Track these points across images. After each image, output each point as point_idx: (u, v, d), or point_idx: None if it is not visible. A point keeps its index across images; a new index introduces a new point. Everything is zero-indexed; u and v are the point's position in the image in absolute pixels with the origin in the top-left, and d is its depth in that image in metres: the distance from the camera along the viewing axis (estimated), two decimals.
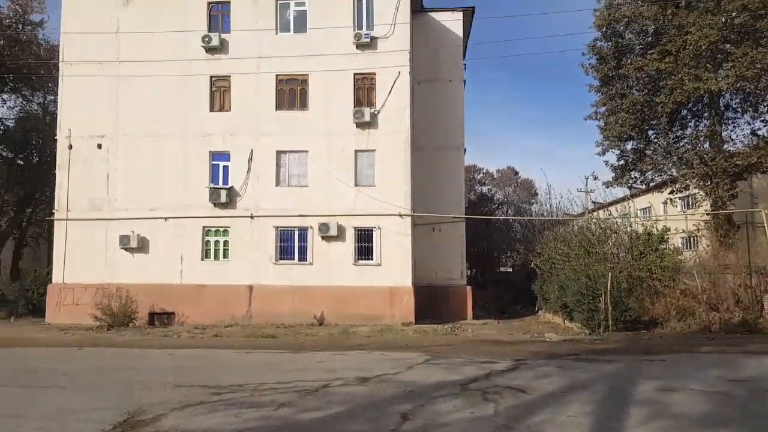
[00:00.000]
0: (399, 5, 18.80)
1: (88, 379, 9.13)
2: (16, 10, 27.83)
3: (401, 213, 18.39)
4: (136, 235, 19.09)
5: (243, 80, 19.27)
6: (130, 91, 19.66)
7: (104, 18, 19.85)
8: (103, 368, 10.39)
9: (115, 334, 16.26)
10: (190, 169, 19.29)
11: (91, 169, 19.70)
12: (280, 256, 18.95)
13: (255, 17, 19.32)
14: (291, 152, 19.24)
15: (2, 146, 29.45)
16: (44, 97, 29.81)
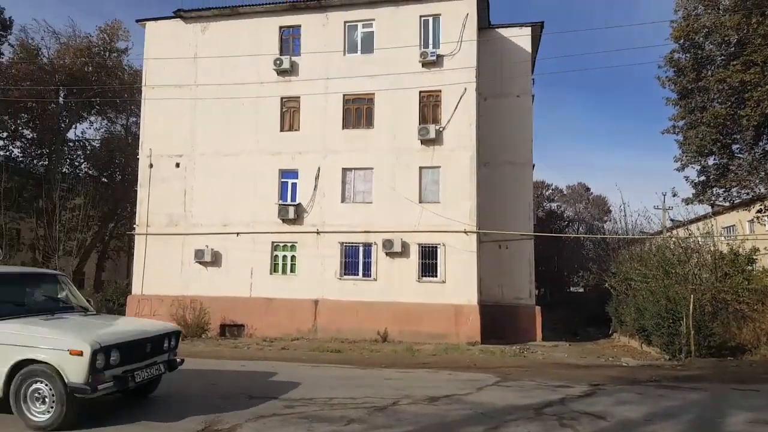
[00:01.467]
0: (465, 23, 18.81)
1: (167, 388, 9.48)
2: (104, 38, 30.12)
3: (466, 230, 18.17)
4: (210, 250, 19.88)
5: (312, 100, 19.83)
6: (206, 112, 20.67)
7: (183, 44, 21.06)
8: (180, 378, 10.76)
9: (189, 344, 16.87)
10: (261, 186, 19.95)
11: (170, 187, 20.76)
12: (345, 271, 19.15)
13: (324, 40, 19.90)
14: (356, 169, 19.52)
15: (89, 165, 31.76)
16: (127, 119, 31.96)
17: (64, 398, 6.26)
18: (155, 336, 7.52)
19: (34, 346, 6.39)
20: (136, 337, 7.14)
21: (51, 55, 28.83)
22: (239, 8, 20.52)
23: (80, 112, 30.09)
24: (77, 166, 31.50)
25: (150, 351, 7.34)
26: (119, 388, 6.71)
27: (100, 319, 8.11)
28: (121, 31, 30.27)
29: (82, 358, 6.19)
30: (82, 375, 6.21)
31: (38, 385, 6.39)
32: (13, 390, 6.43)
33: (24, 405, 6.44)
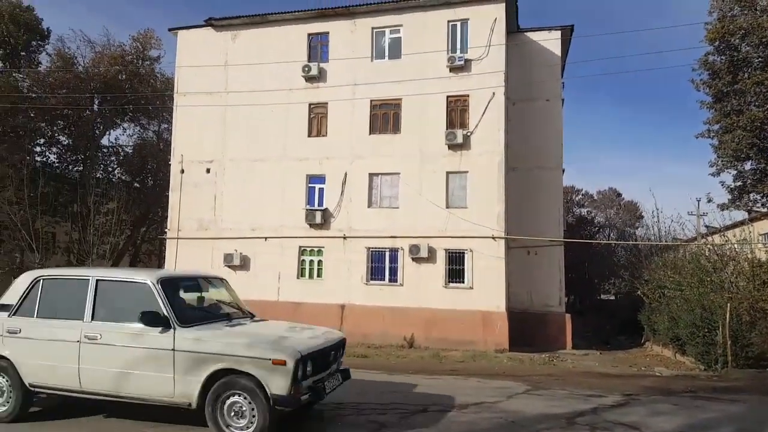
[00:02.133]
0: (494, 27, 18.72)
1: None
2: (137, 47, 30.87)
3: (494, 235, 18.02)
4: (239, 254, 20.14)
5: (339, 106, 19.96)
6: (236, 119, 20.99)
7: (214, 52, 21.45)
8: None
9: None
10: (289, 191, 20.14)
11: (200, 192, 21.12)
12: (371, 276, 19.17)
13: (352, 46, 20.03)
14: (383, 174, 19.56)
15: (122, 170, 32.53)
16: (159, 125, 32.62)
17: (267, 411, 5.85)
18: (336, 343, 7.14)
19: (233, 355, 5.97)
20: (324, 346, 6.71)
21: (86, 64, 29.67)
22: (268, 16, 20.82)
23: (114, 119, 30.86)
24: (111, 171, 32.27)
25: (332, 359, 6.97)
26: (315, 400, 6.34)
27: (280, 326, 7.62)
28: (154, 39, 31.01)
29: (285, 369, 5.79)
30: (285, 386, 5.80)
31: (236, 398, 5.98)
32: (210, 402, 6.02)
33: (222, 419, 6.02)
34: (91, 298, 6.66)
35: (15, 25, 28.22)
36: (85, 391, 6.49)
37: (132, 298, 6.60)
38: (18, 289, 7.10)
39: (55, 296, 6.94)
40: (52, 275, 7.19)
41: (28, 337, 6.71)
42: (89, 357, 6.38)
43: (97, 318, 6.58)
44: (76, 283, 6.87)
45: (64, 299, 6.86)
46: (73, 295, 6.78)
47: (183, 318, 6.38)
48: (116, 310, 6.62)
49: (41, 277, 7.06)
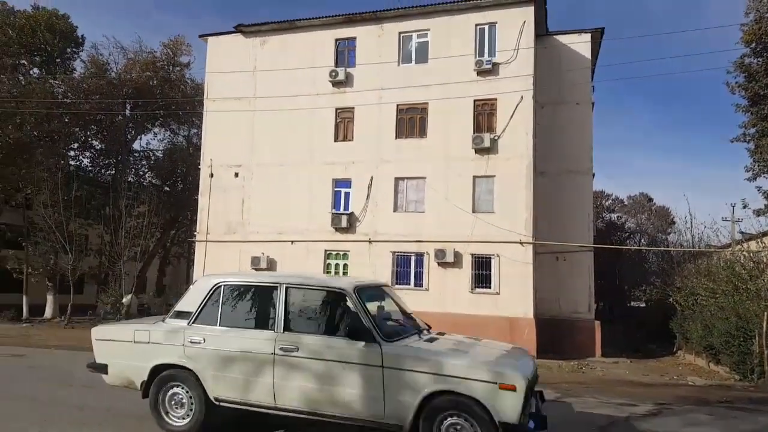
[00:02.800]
0: (522, 30, 18.58)
1: None
2: (168, 53, 31.50)
3: (522, 240, 17.82)
4: (266, 257, 20.34)
5: (365, 111, 20.04)
6: (264, 124, 21.24)
7: (243, 58, 21.77)
8: None
9: None
10: (315, 195, 20.28)
11: (228, 196, 21.41)
12: (396, 280, 19.12)
13: (378, 51, 20.11)
14: (409, 179, 19.54)
15: (152, 174, 33.19)
16: (189, 130, 33.18)
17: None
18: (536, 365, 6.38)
19: (453, 376, 5.33)
20: (535, 367, 6.10)
21: (119, 70, 30.37)
22: (296, 22, 21.05)
23: (145, 124, 31.53)
24: (142, 175, 32.94)
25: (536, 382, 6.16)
26: (539, 429, 5.49)
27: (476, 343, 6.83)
28: (184, 46, 31.59)
29: (515, 394, 5.16)
30: (514, 413, 5.14)
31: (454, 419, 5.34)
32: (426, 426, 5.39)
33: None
34: (282, 306, 6.10)
35: (51, 33, 29.11)
36: (279, 408, 5.93)
37: (326, 307, 6.19)
38: (196, 295, 6.58)
39: (238, 304, 6.50)
40: (234, 281, 6.63)
41: (212, 347, 6.18)
42: (285, 371, 5.85)
43: (291, 329, 6.01)
44: (263, 290, 6.41)
45: (250, 307, 6.47)
46: (260, 303, 6.40)
47: (384, 331, 5.82)
48: (310, 320, 6.19)
49: (222, 283, 6.50)
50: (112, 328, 7.16)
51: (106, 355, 6.89)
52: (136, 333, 6.65)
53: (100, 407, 7.87)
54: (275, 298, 6.20)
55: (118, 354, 6.77)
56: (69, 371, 11.74)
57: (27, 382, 10.18)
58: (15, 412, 7.47)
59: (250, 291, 6.55)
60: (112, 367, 6.80)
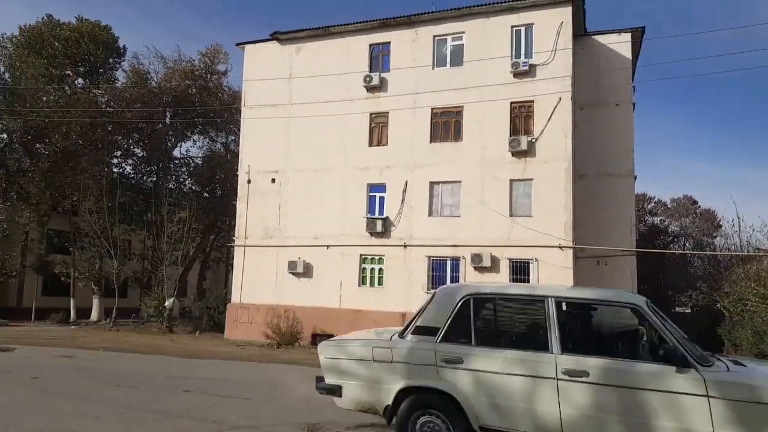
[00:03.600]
0: (560, 31, 18.31)
1: (269, 393, 9.85)
2: (206, 62, 32.23)
3: (561, 245, 17.50)
4: (302, 261, 20.54)
5: (400, 115, 20.06)
6: (300, 129, 21.49)
7: (279, 65, 22.10)
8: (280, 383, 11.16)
9: (284, 351, 17.45)
10: (350, 200, 20.39)
11: (265, 201, 21.72)
12: (432, 285, 19.02)
13: (413, 55, 20.12)
14: (444, 183, 19.46)
15: (192, 180, 33.97)
16: (226, 137, 33.88)
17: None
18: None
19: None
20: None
21: (159, 79, 31.26)
22: (331, 28, 21.26)
23: (185, 132, 32.31)
24: (182, 182, 33.78)
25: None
26: None
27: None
28: (221, 54, 32.22)
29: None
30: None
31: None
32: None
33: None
34: (554, 323, 5.31)
35: (94, 44, 30.18)
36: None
37: (614, 324, 5.55)
38: (440, 309, 5.81)
39: (495, 319, 5.89)
40: (488, 293, 5.91)
41: (474, 369, 5.41)
42: (573, 399, 5.04)
43: (571, 349, 5.20)
44: (525, 304, 5.73)
45: (510, 323, 5.88)
46: (523, 319, 5.79)
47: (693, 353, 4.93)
48: (597, 339, 5.54)
49: (472, 296, 5.72)
50: (344, 345, 6.27)
51: (339, 376, 6.09)
52: (376, 351, 5.89)
53: (147, 408, 8.07)
54: (543, 313, 5.39)
55: (354, 374, 5.99)
56: (115, 372, 12.11)
57: (77, 382, 10.53)
58: (69, 410, 7.72)
59: (508, 305, 5.85)
60: (347, 389, 6.02)
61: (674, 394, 4.72)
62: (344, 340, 6.49)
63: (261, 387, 10.47)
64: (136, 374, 11.89)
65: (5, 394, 8.81)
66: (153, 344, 18.74)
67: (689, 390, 4.69)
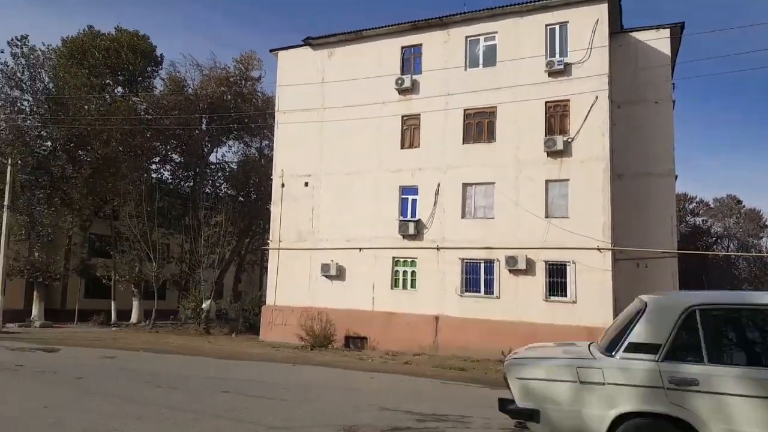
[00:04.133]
0: (596, 29, 17.92)
1: (305, 394, 9.88)
2: (240, 68, 32.77)
3: (599, 246, 17.08)
4: (335, 264, 20.62)
5: (432, 117, 19.97)
6: (332, 133, 21.61)
7: (312, 70, 22.28)
8: (315, 385, 11.20)
9: (317, 353, 17.54)
10: (382, 203, 20.38)
11: (299, 205, 21.91)
12: (466, 288, 18.86)
13: (445, 56, 20.01)
14: (477, 184, 19.26)
15: (227, 185, 34.60)
16: (260, 141, 34.39)
17: None
18: None
19: None
20: None
21: (195, 86, 31.97)
22: (363, 32, 21.33)
23: (220, 137, 32.96)
24: (218, 186, 34.44)
25: None
26: None
27: None
28: (255, 60, 32.74)
29: None
30: None
31: None
32: None
33: None
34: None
35: (133, 53, 31.08)
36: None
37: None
38: (659, 322, 5.10)
39: (730, 333, 5.19)
40: (716, 303, 5.17)
41: (712, 391, 4.65)
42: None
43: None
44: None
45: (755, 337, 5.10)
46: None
47: None
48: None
49: (697, 307, 4.99)
50: (540, 364, 5.52)
51: (537, 399, 5.32)
52: (582, 371, 5.16)
53: (186, 408, 8.18)
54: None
55: (555, 398, 5.24)
56: (155, 372, 12.37)
57: (119, 382, 10.79)
58: (111, 410, 7.90)
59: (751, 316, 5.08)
60: (547, 415, 5.25)
61: None
62: (537, 358, 5.75)
63: (296, 389, 10.51)
64: (175, 375, 12.12)
65: (52, 393, 9.08)
66: (191, 345, 19.10)
67: None
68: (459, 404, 9.57)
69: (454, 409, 8.83)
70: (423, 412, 8.53)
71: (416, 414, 8.32)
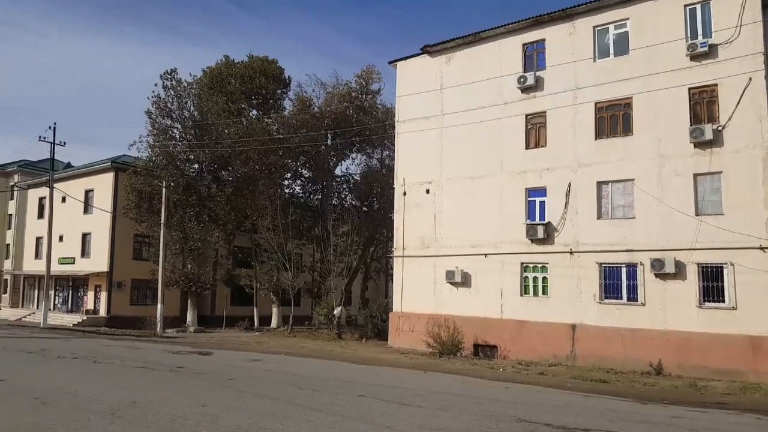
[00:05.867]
0: (745, 4, 15.89)
1: (439, 402, 9.78)
2: (361, 83, 33.89)
3: (762, 245, 15.03)
4: (460, 271, 20.36)
5: (559, 114, 19.02)
6: (452, 139, 21.45)
7: (430, 78, 22.35)
8: (448, 393, 11.07)
9: (446, 361, 17.38)
10: (507, 206, 19.77)
11: (421, 212, 22.00)
12: (605, 294, 17.60)
13: (570, 49, 19.00)
14: (613, 182, 17.94)
15: (352, 196, 35.88)
16: (381, 152, 35.21)
17: None
18: None
19: None
20: None
21: (320, 104, 33.62)
22: (481, 33, 20.97)
23: (344, 151, 34.33)
24: (343, 198, 35.87)
25: None
26: None
27: None
28: (374, 74, 33.67)
29: None
30: None
31: None
32: None
33: None
34: None
35: (265, 78, 33.53)
36: None
37: None
38: None
39: None
40: None
41: None
42: None
43: None
44: None
45: None
46: None
47: None
48: None
49: None
50: None
51: None
52: None
53: (327, 410, 8.46)
54: None
55: None
56: (296, 375, 13.04)
57: (265, 383, 11.51)
58: (261, 410, 8.41)
59: None
60: None
61: None
62: None
63: (430, 396, 10.44)
64: (315, 378, 12.66)
65: (209, 393, 9.91)
66: (325, 350, 19.95)
67: None
68: (603, 419, 8.88)
69: (599, 424, 8.19)
70: (565, 425, 8.02)
71: (558, 427, 7.85)
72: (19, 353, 15.75)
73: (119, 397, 8.92)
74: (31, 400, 8.50)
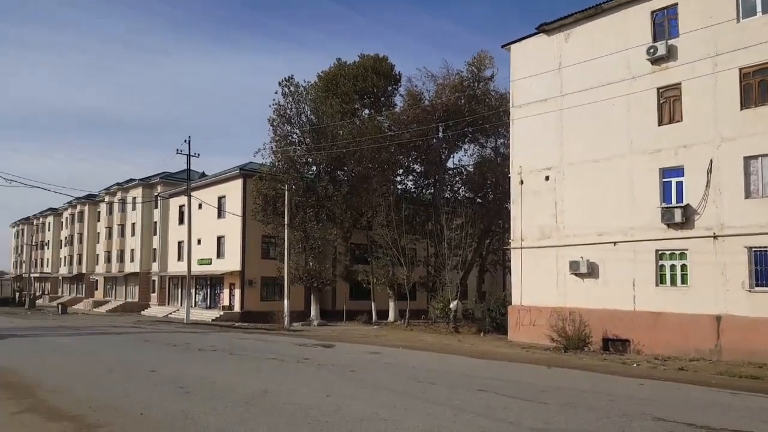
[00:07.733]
0: None
1: (564, 398, 9.15)
2: (473, 71, 33.01)
3: None
4: (585, 261, 19.06)
5: (696, 84, 17.01)
6: (573, 121, 20.12)
7: (547, 58, 21.11)
8: (575, 389, 10.36)
9: (573, 356, 16.33)
10: (638, 189, 18.12)
11: (540, 200, 20.92)
12: (756, 282, 15.49)
13: (708, 12, 16.87)
14: (764, 156, 15.70)
15: (465, 188, 35.27)
16: (495, 141, 34.17)
17: None
18: None
19: None
20: None
21: (431, 97, 33.33)
22: (603, 5, 19.34)
23: (456, 142, 33.81)
24: (456, 190, 35.35)
25: None
26: None
27: None
28: (487, 59, 32.52)
29: None
30: None
31: None
32: None
33: None
34: None
35: (376, 76, 34.02)
36: None
37: None
38: None
39: None
40: None
41: None
42: None
43: None
44: None
45: None
46: None
47: None
48: None
49: None
50: None
51: None
52: None
53: (445, 404, 8.26)
54: None
55: None
56: (414, 367, 12.99)
57: (385, 375, 11.61)
58: (381, 401, 8.46)
59: None
60: None
61: None
62: None
63: (554, 392, 9.79)
64: (432, 371, 12.51)
65: (333, 384, 10.20)
66: (442, 343, 19.73)
67: None
68: (757, 419, 7.75)
69: (752, 425, 7.12)
70: (710, 425, 7.13)
71: (702, 427, 7.01)
72: (167, 346, 17.46)
73: (252, 386, 9.46)
74: (177, 389, 9.28)
